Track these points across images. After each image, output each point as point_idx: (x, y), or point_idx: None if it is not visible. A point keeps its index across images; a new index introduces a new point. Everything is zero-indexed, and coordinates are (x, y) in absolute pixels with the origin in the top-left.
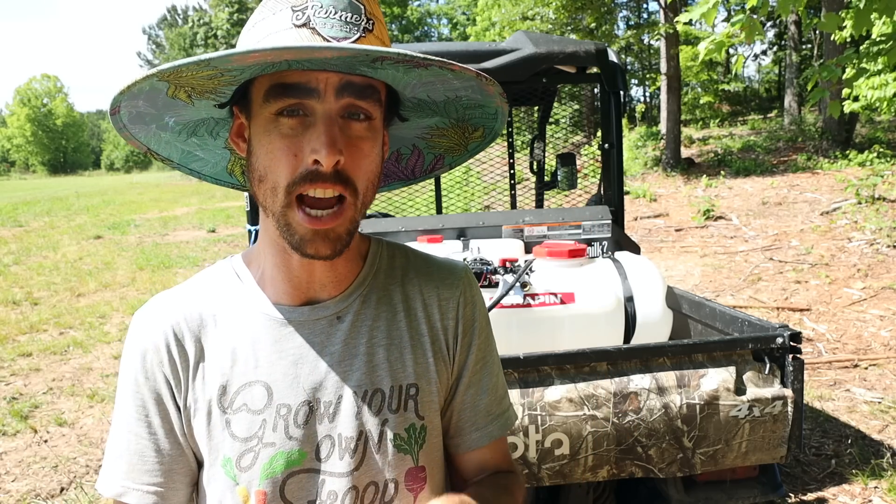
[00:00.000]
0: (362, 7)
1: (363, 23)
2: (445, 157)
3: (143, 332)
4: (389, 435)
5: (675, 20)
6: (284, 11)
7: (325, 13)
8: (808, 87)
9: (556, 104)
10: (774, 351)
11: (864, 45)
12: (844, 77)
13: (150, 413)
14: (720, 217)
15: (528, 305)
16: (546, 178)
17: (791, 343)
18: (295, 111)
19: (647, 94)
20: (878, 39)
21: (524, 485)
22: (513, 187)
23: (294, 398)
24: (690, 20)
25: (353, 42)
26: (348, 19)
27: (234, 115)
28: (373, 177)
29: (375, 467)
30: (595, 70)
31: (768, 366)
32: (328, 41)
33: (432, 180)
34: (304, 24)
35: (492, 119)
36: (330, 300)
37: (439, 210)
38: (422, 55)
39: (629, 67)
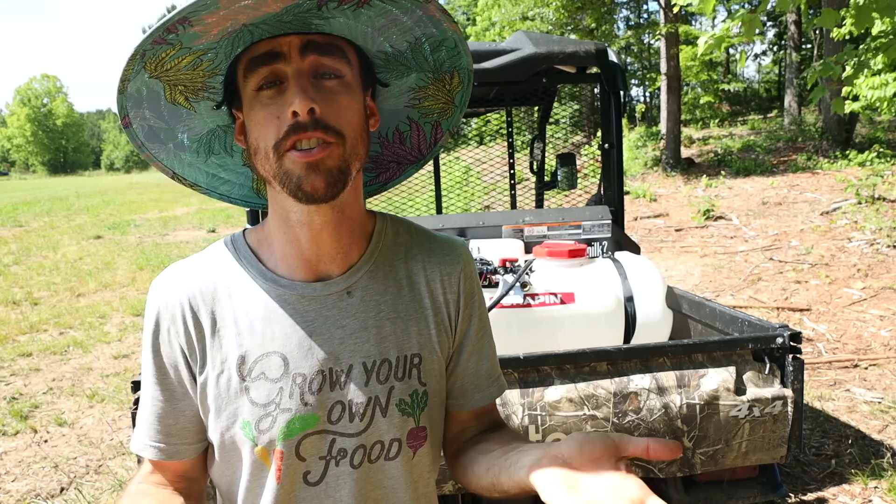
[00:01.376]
0: None
1: None
2: (442, 123)
3: (159, 301)
4: (395, 401)
5: (672, 3)
6: None
7: None
8: (808, 86)
9: (556, 104)
10: (774, 351)
11: (865, 43)
12: (844, 75)
13: (166, 377)
14: (720, 217)
15: (528, 305)
16: (546, 178)
17: (791, 343)
18: (272, 82)
19: (647, 94)
20: (877, 36)
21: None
22: (513, 187)
23: (309, 368)
24: (692, 18)
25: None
26: None
27: (235, 117)
28: (357, 128)
29: (382, 428)
30: (595, 70)
31: (768, 366)
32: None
33: (432, 180)
34: None
35: (457, 55)
36: (340, 276)
37: (439, 210)
38: None
39: (629, 67)
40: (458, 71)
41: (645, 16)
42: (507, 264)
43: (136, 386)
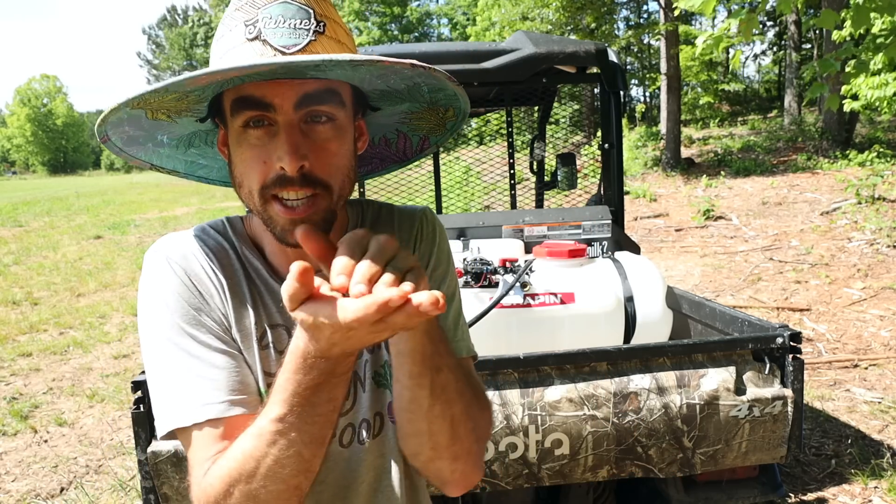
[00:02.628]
0: (311, 11)
1: (313, 26)
2: (430, 138)
3: (178, 254)
4: (370, 373)
5: (673, 6)
6: (238, 27)
7: (275, 23)
8: (806, 82)
9: (556, 104)
10: (774, 351)
11: (864, 42)
12: (844, 73)
13: (213, 332)
14: (720, 217)
15: (528, 305)
16: (546, 178)
17: (791, 343)
18: (260, 122)
19: (647, 94)
20: (877, 35)
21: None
22: (513, 187)
23: None
24: (692, 18)
25: (304, 46)
26: (297, 25)
27: (218, 126)
28: (346, 171)
29: (365, 405)
30: (595, 70)
31: (768, 366)
32: (278, 50)
33: (432, 180)
34: (255, 38)
35: (455, 99)
36: None
37: (439, 210)
38: (349, 59)
39: (629, 67)
40: (453, 108)
41: (645, 16)
42: (507, 264)
43: (136, 386)
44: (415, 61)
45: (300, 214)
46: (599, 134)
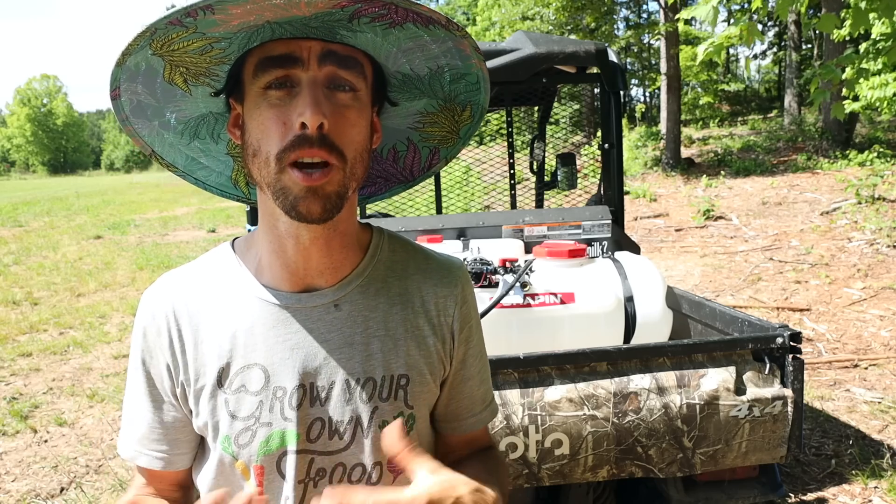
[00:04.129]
0: None
1: None
2: (440, 150)
3: (146, 312)
4: (378, 421)
5: (675, 18)
6: None
7: None
8: (811, 90)
9: (556, 104)
10: (774, 351)
11: (864, 46)
12: (844, 77)
13: (154, 388)
14: (720, 217)
15: (528, 305)
16: (546, 178)
17: (791, 343)
18: (283, 83)
19: (647, 94)
20: (877, 39)
21: (503, 459)
22: (513, 187)
23: (290, 381)
24: (692, 19)
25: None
26: None
27: (231, 108)
28: (360, 148)
29: (364, 450)
30: (595, 70)
31: (768, 366)
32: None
33: (432, 180)
34: None
35: (475, 91)
36: (328, 288)
37: (439, 210)
38: (416, 2)
39: (629, 67)
40: (471, 105)
41: (645, 16)
42: (507, 264)
43: None
44: (453, 21)
45: (317, 181)
46: (599, 134)
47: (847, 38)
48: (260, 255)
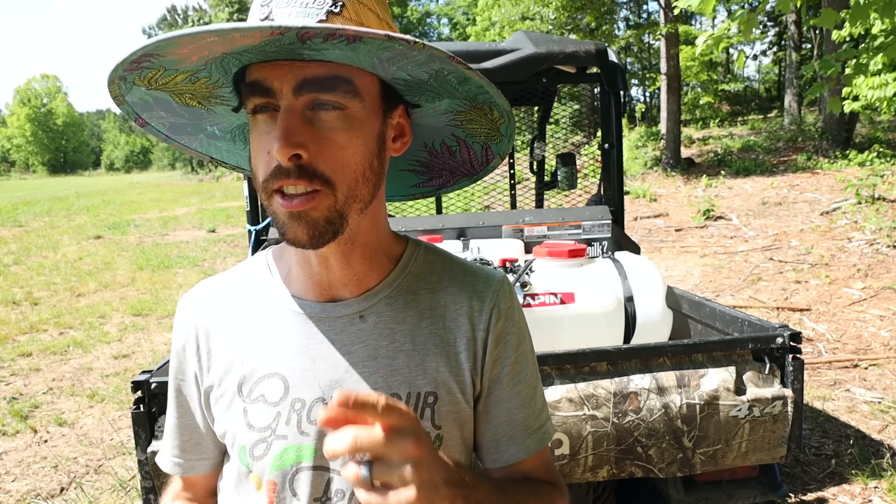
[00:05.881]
0: None
1: (327, 6)
2: (492, 147)
3: (179, 322)
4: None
5: (672, 6)
6: (255, 8)
7: (287, 2)
8: (807, 81)
9: (556, 104)
10: (774, 351)
11: (865, 43)
12: (844, 74)
13: (181, 395)
14: (720, 217)
15: (528, 305)
16: (546, 178)
17: (791, 343)
18: (266, 107)
19: (647, 94)
20: (877, 35)
21: (566, 497)
22: (513, 187)
23: (309, 393)
24: (692, 19)
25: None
26: (310, 4)
27: None
28: (357, 168)
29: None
30: (595, 70)
31: (768, 366)
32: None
33: None
34: (266, 17)
35: (486, 93)
36: (353, 298)
37: (439, 210)
38: (322, 26)
39: (629, 67)
40: (495, 107)
41: (645, 16)
42: (508, 264)
43: (136, 386)
44: (392, 33)
45: (297, 207)
46: (599, 134)
47: (847, 39)
48: (290, 264)
